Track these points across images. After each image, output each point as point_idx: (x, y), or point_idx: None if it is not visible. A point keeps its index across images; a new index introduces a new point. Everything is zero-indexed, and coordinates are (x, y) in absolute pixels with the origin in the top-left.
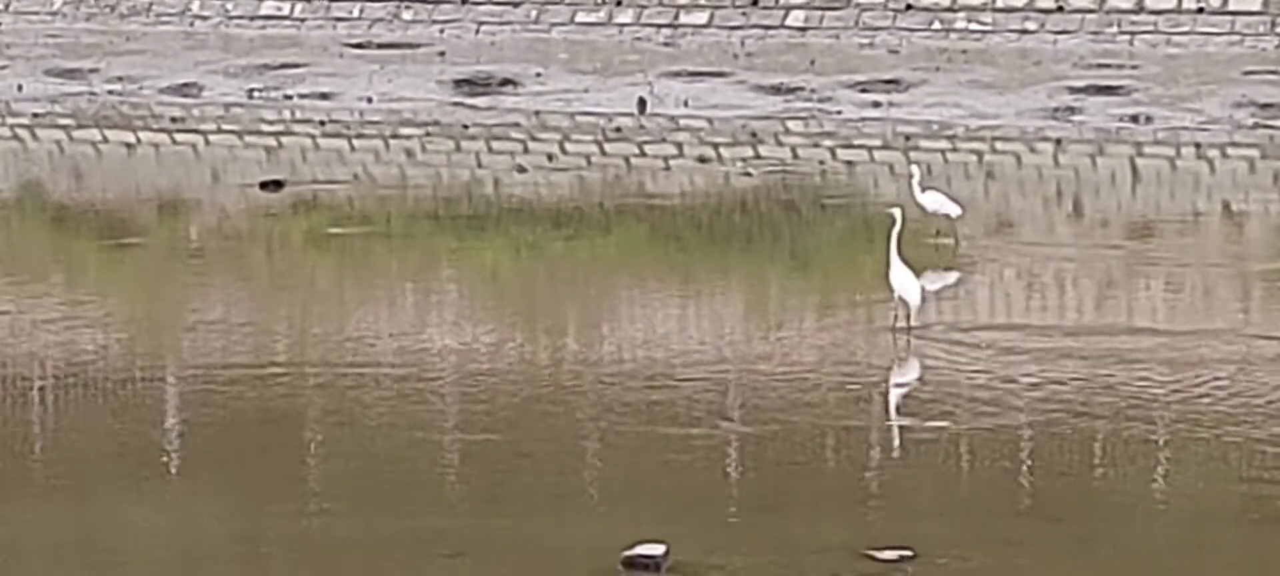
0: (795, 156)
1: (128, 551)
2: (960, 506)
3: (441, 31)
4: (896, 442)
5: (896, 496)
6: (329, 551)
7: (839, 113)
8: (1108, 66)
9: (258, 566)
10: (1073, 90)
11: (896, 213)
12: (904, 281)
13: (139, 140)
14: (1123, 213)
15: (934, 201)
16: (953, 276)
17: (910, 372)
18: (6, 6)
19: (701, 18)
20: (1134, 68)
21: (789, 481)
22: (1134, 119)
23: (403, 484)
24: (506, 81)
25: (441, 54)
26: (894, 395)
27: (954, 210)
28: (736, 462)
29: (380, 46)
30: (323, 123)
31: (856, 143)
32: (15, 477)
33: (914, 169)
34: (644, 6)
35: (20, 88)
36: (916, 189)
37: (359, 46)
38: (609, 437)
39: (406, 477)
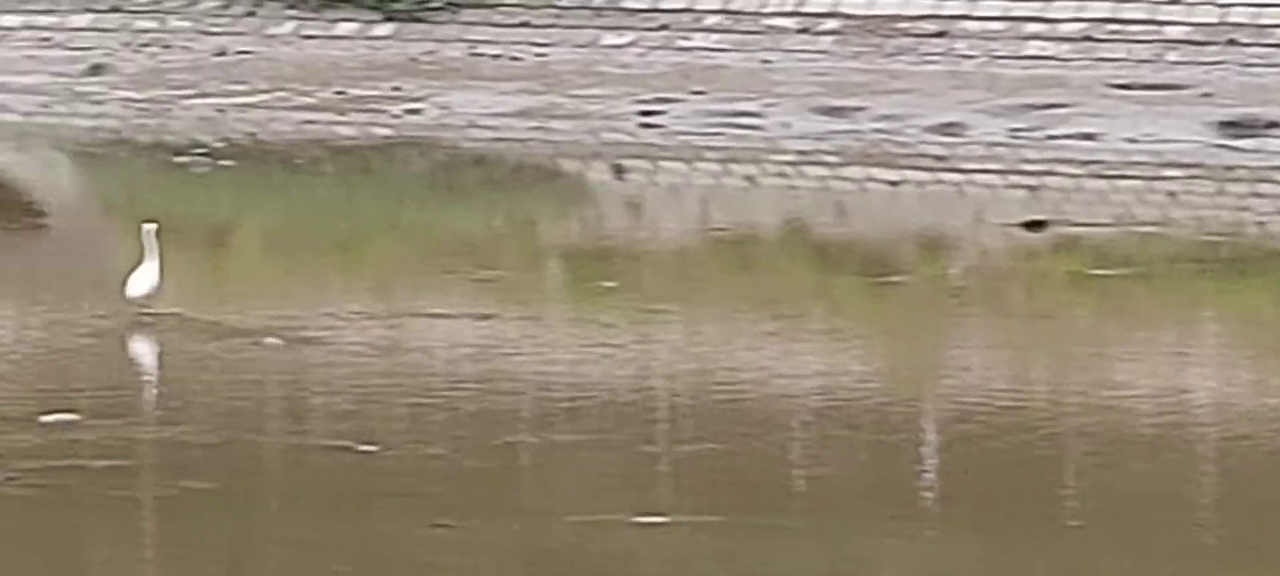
0: None
1: None
2: None
3: (1207, 72)
4: None
5: None
6: None
7: None
8: None
9: None
10: None
11: None
12: None
13: (903, 179)
14: None
15: None
16: None
17: None
18: (776, 44)
19: None
20: None
21: None
22: None
23: (1159, 534)
24: (1273, 124)
25: (1206, 95)
26: None
27: None
28: None
29: (1145, 88)
30: (1086, 163)
31: None
32: (775, 509)
33: None
34: None
35: (787, 125)
36: None
37: (1123, 87)
38: None
39: (1163, 527)
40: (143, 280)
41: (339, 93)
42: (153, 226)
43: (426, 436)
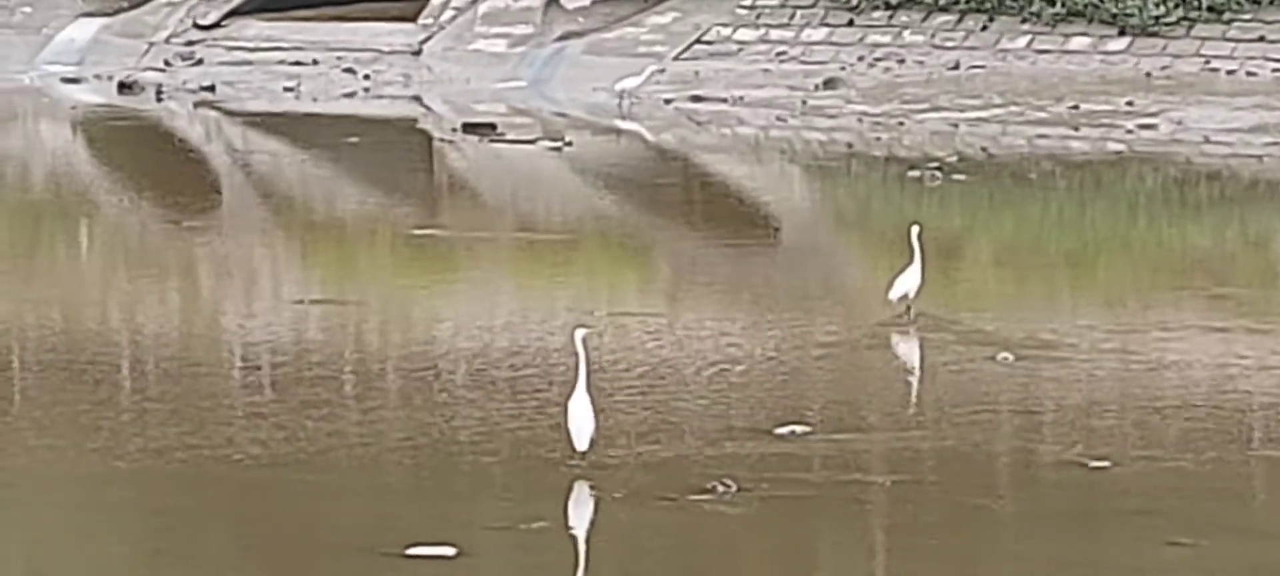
0: None
1: None
2: None
3: None
4: None
5: None
6: None
7: None
8: None
9: None
10: None
11: None
12: None
13: None
14: None
15: None
16: None
17: None
18: None
19: None
20: None
21: None
22: None
23: None
24: None
25: None
26: None
27: None
28: None
29: None
30: None
31: None
32: None
33: None
34: None
35: None
36: None
37: None
38: None
39: None
40: (908, 280)
41: (1072, 107)
42: (917, 227)
43: (1161, 453)
